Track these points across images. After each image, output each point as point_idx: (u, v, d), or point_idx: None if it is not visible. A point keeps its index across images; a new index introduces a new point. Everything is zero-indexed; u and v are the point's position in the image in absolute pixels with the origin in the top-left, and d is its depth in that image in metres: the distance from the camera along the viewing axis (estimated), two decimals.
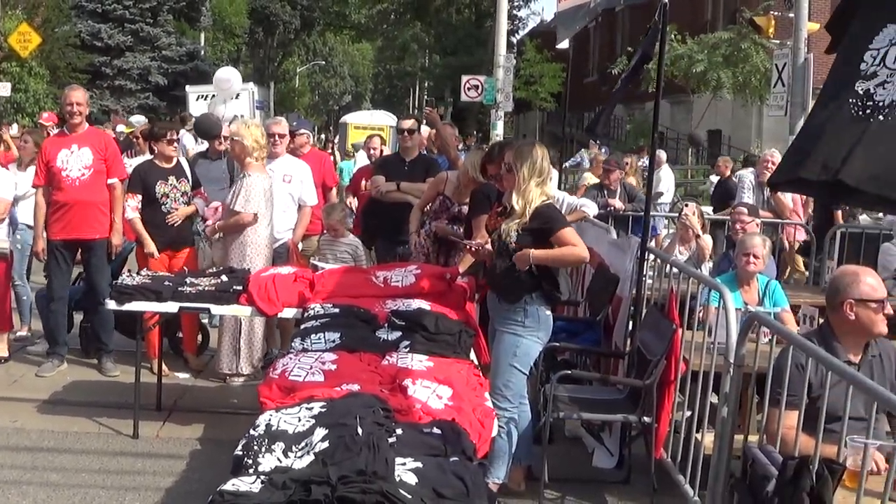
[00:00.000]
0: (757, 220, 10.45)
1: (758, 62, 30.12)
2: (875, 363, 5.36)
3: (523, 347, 6.47)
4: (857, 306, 5.26)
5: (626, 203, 13.39)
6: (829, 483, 4.15)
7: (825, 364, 4.68)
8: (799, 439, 4.72)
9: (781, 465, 4.39)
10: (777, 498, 4.36)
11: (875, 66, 3.30)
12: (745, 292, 8.01)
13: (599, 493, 7.07)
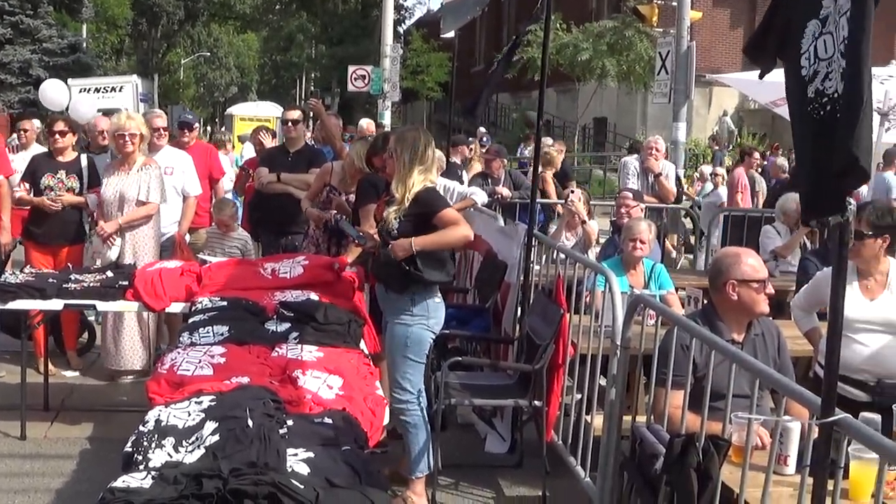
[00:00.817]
0: (642, 205, 10.60)
1: (642, 50, 30.58)
2: (758, 342, 5.48)
3: (414, 337, 6.34)
4: (740, 286, 5.37)
5: (513, 190, 13.48)
6: (715, 459, 4.23)
7: (709, 344, 4.77)
8: (685, 417, 4.79)
9: (668, 443, 4.47)
10: (665, 475, 4.44)
11: (812, 66, 3.34)
12: (632, 276, 8.12)
13: (492, 478, 7.13)
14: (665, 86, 19.93)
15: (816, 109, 3.27)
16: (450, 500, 6.77)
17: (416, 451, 6.42)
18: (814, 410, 3.57)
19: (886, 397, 5.73)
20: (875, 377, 5.91)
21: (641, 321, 5.90)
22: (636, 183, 12.74)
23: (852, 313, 5.81)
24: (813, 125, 3.28)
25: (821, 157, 3.24)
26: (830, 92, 3.22)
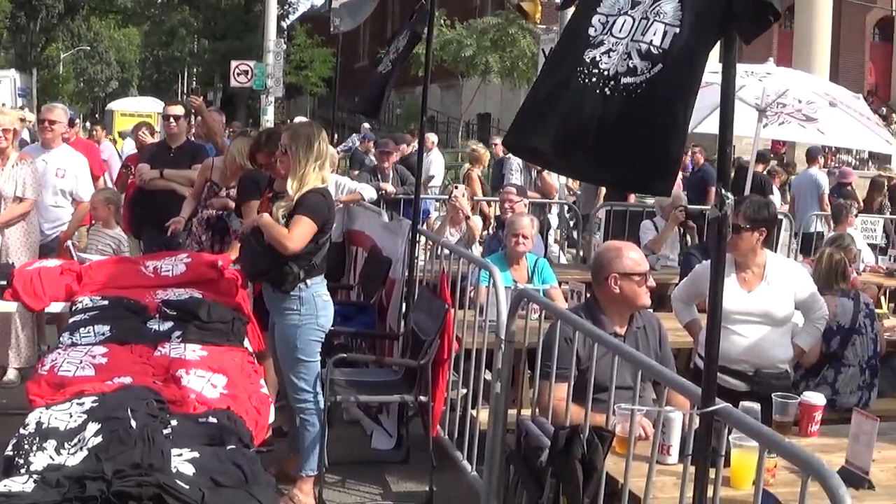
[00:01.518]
0: (525, 200, 10.68)
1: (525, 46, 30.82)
2: (640, 334, 5.57)
3: (304, 337, 6.27)
4: (621, 280, 5.44)
5: (399, 186, 13.48)
6: (599, 450, 4.28)
7: (592, 337, 4.82)
8: (569, 410, 4.85)
9: (553, 436, 4.52)
10: (551, 467, 4.49)
11: (603, 34, 3.34)
12: (515, 271, 8.18)
13: (380, 474, 7.13)
14: None
15: (583, 76, 3.27)
16: (337, 497, 6.75)
17: (309, 449, 6.38)
18: (695, 400, 3.64)
19: (764, 387, 5.88)
20: (753, 367, 6.05)
21: (525, 315, 5.93)
22: (519, 178, 12.85)
23: (731, 305, 5.93)
24: (575, 89, 3.30)
25: (567, 119, 3.29)
26: (605, 68, 3.25)
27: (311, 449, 6.36)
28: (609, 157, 3.30)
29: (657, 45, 3.22)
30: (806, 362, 7.10)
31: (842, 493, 2.91)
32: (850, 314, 7.26)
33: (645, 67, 3.23)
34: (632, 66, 3.24)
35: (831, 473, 2.97)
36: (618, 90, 3.24)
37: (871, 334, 7.34)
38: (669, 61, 3.21)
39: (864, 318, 7.32)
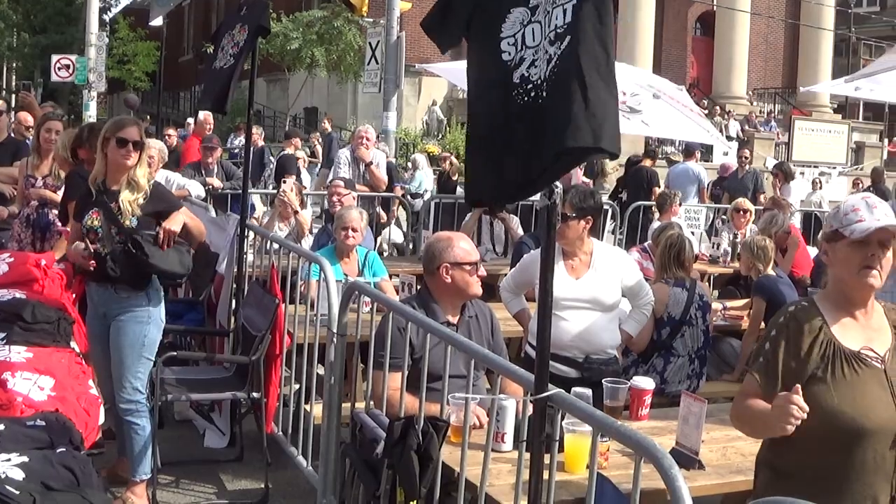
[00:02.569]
0: (354, 193, 10.67)
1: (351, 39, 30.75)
2: (472, 323, 5.61)
3: (151, 335, 6.15)
4: (453, 269, 5.48)
5: (224, 181, 13.35)
6: (434, 439, 4.30)
7: (424, 327, 4.84)
8: (404, 400, 4.86)
9: (388, 427, 4.51)
10: (387, 458, 4.49)
11: (518, 52, 3.36)
12: (346, 264, 8.16)
13: (213, 473, 7.03)
14: (375, 75, 20.11)
15: (521, 95, 3.32)
16: (170, 498, 6.62)
17: (141, 452, 6.22)
18: (528, 387, 3.68)
19: (594, 372, 5.98)
20: (583, 353, 6.15)
21: (357, 308, 5.93)
22: (347, 172, 12.81)
23: (559, 293, 6.01)
24: (517, 109, 3.34)
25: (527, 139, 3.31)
26: (535, 79, 3.29)
27: (142, 451, 6.21)
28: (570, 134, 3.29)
29: (561, 24, 3.24)
30: (635, 349, 7.27)
31: (674, 472, 2.98)
32: (682, 305, 7.45)
33: (556, 50, 3.25)
34: (549, 57, 3.27)
35: (663, 454, 3.04)
36: (546, 84, 3.26)
37: (702, 326, 7.56)
38: (576, 32, 3.23)
39: (696, 311, 7.52)
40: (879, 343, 3.72)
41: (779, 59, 43.08)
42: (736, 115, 35.04)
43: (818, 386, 3.59)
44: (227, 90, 7.90)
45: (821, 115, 37.17)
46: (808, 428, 3.54)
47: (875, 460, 3.56)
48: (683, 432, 4.81)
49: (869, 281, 3.63)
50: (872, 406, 3.56)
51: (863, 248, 3.61)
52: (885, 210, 3.64)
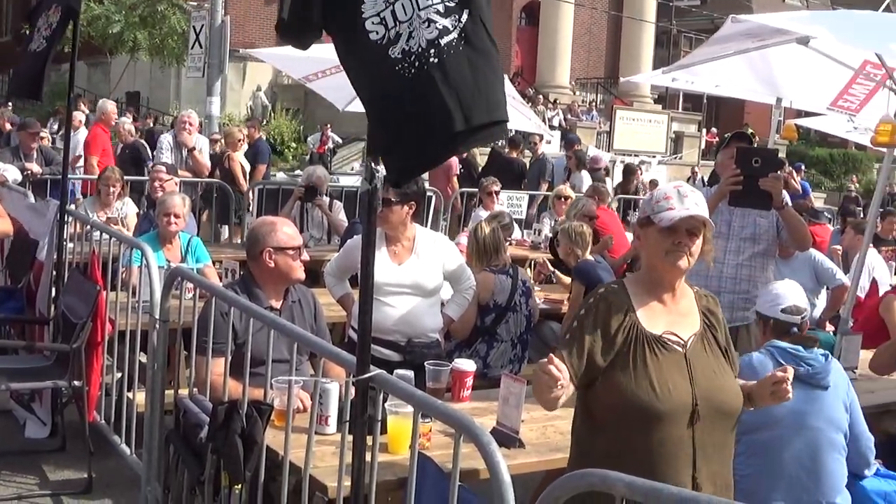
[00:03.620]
0: (176, 179, 10.55)
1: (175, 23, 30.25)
2: (295, 308, 5.64)
3: None
4: (276, 254, 5.50)
5: (44, 166, 13.03)
6: (258, 423, 4.33)
7: (247, 311, 4.86)
8: (228, 385, 4.86)
9: (212, 411, 4.52)
10: (211, 443, 4.50)
11: (390, 30, 3.35)
12: (168, 250, 8.09)
13: (35, 464, 6.89)
14: (199, 60, 19.83)
15: (407, 68, 3.30)
16: None
17: None
18: (350, 370, 3.74)
19: (417, 356, 6.07)
20: (405, 337, 6.23)
21: (179, 295, 5.90)
22: (170, 157, 12.67)
23: (382, 278, 6.10)
24: (407, 82, 3.31)
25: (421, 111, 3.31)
26: (416, 49, 3.30)
27: None
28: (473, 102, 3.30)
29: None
30: (459, 335, 7.39)
31: (492, 449, 3.07)
32: (507, 292, 7.59)
33: (454, 21, 3.27)
34: (441, 27, 3.27)
35: (482, 432, 3.13)
36: (441, 55, 3.27)
37: (524, 311, 7.72)
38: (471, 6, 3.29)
39: (520, 297, 7.68)
40: (684, 328, 3.85)
41: (602, 49, 43.93)
42: (560, 104, 35.64)
43: (619, 368, 3.71)
44: (41, 75, 7.71)
45: (642, 105, 38.15)
46: (609, 410, 3.70)
47: (673, 442, 3.68)
48: (504, 412, 4.92)
49: (676, 265, 3.77)
50: (669, 389, 3.67)
51: (671, 234, 3.74)
52: (695, 199, 3.78)
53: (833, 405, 5.29)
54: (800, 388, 4.78)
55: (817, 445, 5.19)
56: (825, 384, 5.29)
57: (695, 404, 3.69)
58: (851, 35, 6.93)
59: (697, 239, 3.78)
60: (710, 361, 3.84)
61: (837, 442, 5.27)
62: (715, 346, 3.91)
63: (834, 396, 5.30)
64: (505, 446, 4.81)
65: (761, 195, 6.48)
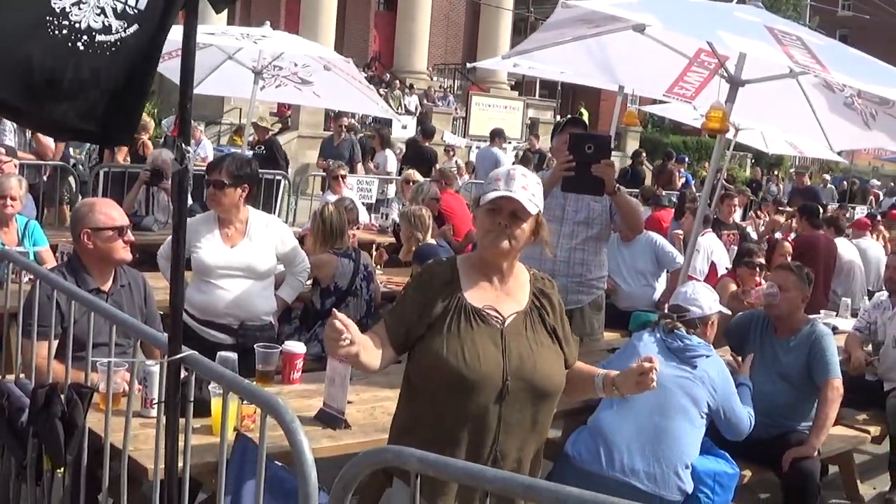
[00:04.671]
0: (16, 160, 10.31)
1: None
2: (124, 291, 5.60)
3: None
4: (94, 235, 5.45)
5: None
6: (79, 406, 4.28)
7: (69, 294, 4.79)
8: (51, 368, 4.80)
9: (32, 395, 4.46)
10: (31, 426, 4.44)
11: None
12: (5, 234, 7.92)
13: None
14: None
15: (55, 26, 3.19)
16: None
17: None
18: (164, 350, 3.72)
19: (249, 339, 6.08)
20: (238, 320, 6.23)
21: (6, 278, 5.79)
22: (13, 140, 12.35)
23: (214, 260, 6.11)
24: (41, 35, 3.20)
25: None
26: (76, 20, 3.17)
27: None
28: (89, 109, 3.29)
29: (133, 5, 3.26)
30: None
31: (295, 427, 3.09)
32: (348, 276, 7.63)
33: (121, 27, 3.25)
34: (107, 25, 3.24)
35: (286, 410, 3.14)
36: (93, 46, 3.23)
37: (365, 295, 7.77)
38: (144, 23, 3.27)
39: (361, 281, 7.72)
40: (508, 306, 3.93)
41: (460, 35, 44.11)
42: (417, 89, 35.69)
43: (433, 336, 3.79)
44: None
45: (498, 91, 38.41)
46: (422, 375, 3.81)
47: (479, 413, 3.76)
48: (330, 393, 4.98)
49: (497, 245, 3.84)
50: (478, 359, 3.75)
51: (494, 215, 3.82)
52: (524, 183, 3.83)
53: (694, 383, 5.70)
54: (672, 358, 5.66)
55: (669, 406, 5.57)
56: (693, 364, 5.75)
57: (505, 379, 3.78)
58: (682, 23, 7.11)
59: (523, 223, 3.84)
60: (529, 341, 3.92)
61: (690, 413, 5.62)
62: (540, 326, 3.98)
63: (699, 378, 5.72)
64: (331, 427, 4.88)
65: (594, 181, 6.61)
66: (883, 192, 36.08)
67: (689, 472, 5.55)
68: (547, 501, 2.58)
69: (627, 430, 5.50)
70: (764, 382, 6.57)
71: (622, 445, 5.47)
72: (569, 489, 2.52)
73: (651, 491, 5.39)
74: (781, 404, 6.61)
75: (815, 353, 6.60)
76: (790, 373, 6.63)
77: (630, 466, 5.43)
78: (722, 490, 5.72)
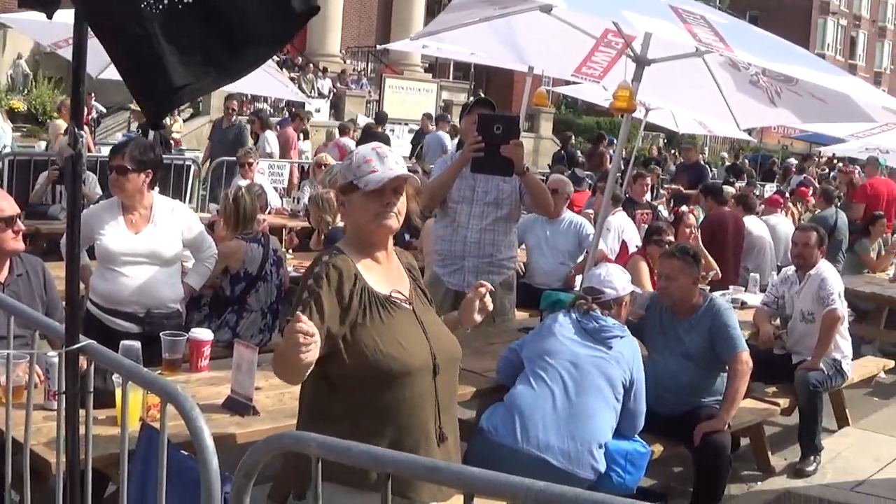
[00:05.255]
0: None
1: None
2: (22, 280, 5.48)
3: None
4: None
5: None
6: None
7: None
8: None
9: None
10: None
11: None
12: None
13: None
14: None
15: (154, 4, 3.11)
16: None
17: None
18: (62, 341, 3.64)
19: (156, 327, 5.96)
20: (144, 308, 6.12)
21: None
22: None
23: (118, 247, 6.01)
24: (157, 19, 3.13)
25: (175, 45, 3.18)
26: None
27: None
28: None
29: None
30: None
31: (195, 414, 3.05)
32: (258, 261, 7.55)
33: None
34: None
35: (185, 397, 3.09)
36: None
37: (275, 281, 7.71)
38: None
39: (271, 266, 7.65)
40: (402, 285, 3.95)
41: (373, 18, 43.94)
42: (330, 73, 35.52)
43: (361, 331, 3.73)
44: None
45: (412, 73, 38.39)
46: (352, 373, 3.72)
47: (421, 396, 3.76)
48: (237, 380, 4.92)
49: (387, 225, 3.82)
50: (412, 344, 3.76)
51: (379, 196, 3.78)
52: (395, 158, 3.86)
53: (610, 363, 5.75)
54: (588, 339, 5.72)
55: (585, 385, 5.63)
56: (609, 345, 5.79)
57: (434, 357, 3.80)
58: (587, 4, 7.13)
59: (402, 196, 3.85)
60: (432, 314, 3.99)
61: (605, 392, 5.68)
62: (426, 298, 4.06)
63: (614, 359, 5.77)
64: (239, 413, 4.83)
65: (503, 161, 6.63)
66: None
67: (603, 451, 5.59)
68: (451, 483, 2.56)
69: (544, 407, 5.54)
70: (669, 363, 6.68)
71: (538, 421, 5.50)
72: (472, 470, 2.50)
73: (564, 468, 5.42)
74: (686, 383, 6.70)
75: (716, 329, 6.69)
76: (693, 352, 6.72)
77: (545, 442, 5.45)
78: (633, 468, 5.77)
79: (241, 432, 4.69)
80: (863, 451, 7.99)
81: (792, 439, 8.18)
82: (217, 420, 4.73)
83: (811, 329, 8.14)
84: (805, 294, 8.27)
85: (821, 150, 37.81)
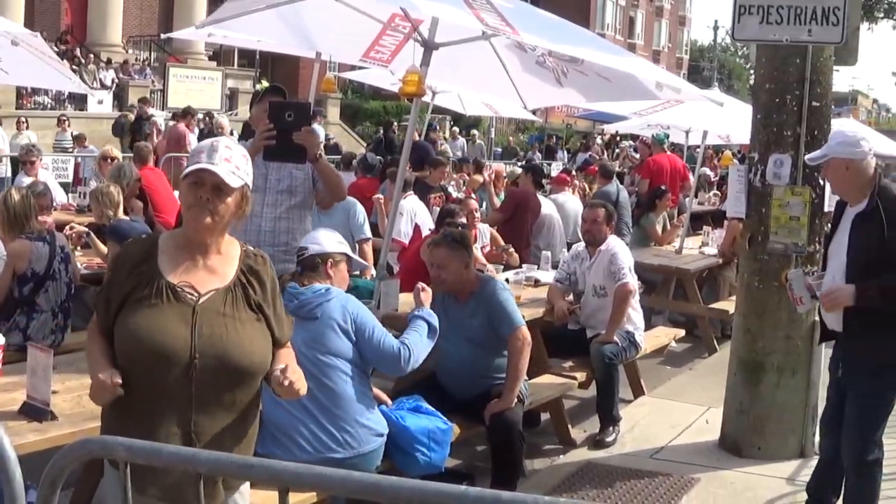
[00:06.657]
0: None
1: None
2: None
3: None
4: None
5: None
6: None
7: None
8: None
9: None
10: None
11: None
12: None
13: None
14: None
15: None
16: None
17: None
18: None
19: None
20: None
21: None
22: None
23: None
24: None
25: None
26: None
27: None
28: None
29: None
30: None
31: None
32: (45, 260, 7.39)
33: None
34: None
35: None
36: None
37: (65, 279, 7.55)
38: None
39: (59, 264, 7.50)
40: (207, 283, 3.78)
41: (154, 7, 42.89)
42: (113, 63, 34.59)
43: (128, 310, 3.66)
44: None
45: (196, 62, 37.73)
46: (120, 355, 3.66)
47: (166, 392, 3.63)
48: (32, 384, 4.77)
49: (198, 220, 3.70)
50: (162, 334, 3.62)
51: (196, 189, 3.68)
52: (227, 155, 3.70)
53: (324, 332, 5.59)
54: (298, 322, 4.99)
55: (317, 371, 5.46)
56: (314, 315, 5.60)
57: (193, 357, 3.65)
58: None
59: (227, 197, 3.71)
60: (226, 318, 3.77)
61: (338, 366, 5.59)
62: (243, 304, 3.83)
63: (324, 325, 5.60)
64: (36, 419, 4.68)
65: (295, 149, 6.60)
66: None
67: (371, 419, 5.64)
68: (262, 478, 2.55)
69: (298, 415, 5.45)
70: (456, 348, 6.79)
71: (303, 430, 5.47)
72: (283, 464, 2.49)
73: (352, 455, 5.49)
74: (475, 364, 6.87)
75: (493, 309, 6.85)
76: (476, 335, 6.86)
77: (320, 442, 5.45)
78: (438, 446, 5.84)
79: (40, 439, 4.55)
80: (659, 419, 8.29)
81: (591, 411, 8.42)
82: (13, 427, 4.56)
83: (604, 303, 8.39)
84: (596, 269, 8.51)
85: (604, 128, 38.86)
